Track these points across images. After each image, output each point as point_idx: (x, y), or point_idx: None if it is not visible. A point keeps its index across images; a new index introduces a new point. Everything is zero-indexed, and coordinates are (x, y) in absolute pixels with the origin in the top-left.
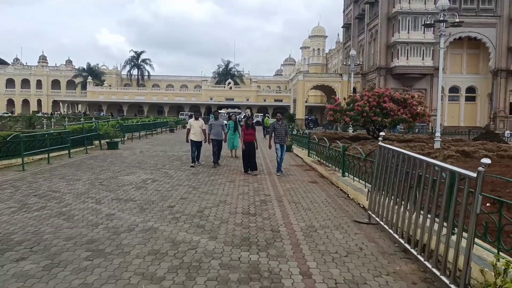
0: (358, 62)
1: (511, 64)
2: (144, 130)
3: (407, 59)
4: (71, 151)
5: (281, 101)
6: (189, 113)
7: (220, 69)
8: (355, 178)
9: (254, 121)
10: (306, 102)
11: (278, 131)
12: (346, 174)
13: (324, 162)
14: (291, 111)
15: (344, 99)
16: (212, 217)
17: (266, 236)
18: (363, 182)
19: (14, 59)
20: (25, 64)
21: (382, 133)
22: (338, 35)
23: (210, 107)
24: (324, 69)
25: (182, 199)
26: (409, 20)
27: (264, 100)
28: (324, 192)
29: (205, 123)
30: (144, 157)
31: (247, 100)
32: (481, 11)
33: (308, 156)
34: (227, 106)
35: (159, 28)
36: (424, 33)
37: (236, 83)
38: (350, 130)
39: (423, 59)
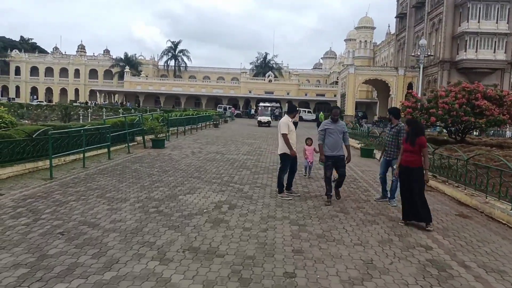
0: (428, 53)
1: None
2: (189, 125)
3: (476, 51)
4: (111, 149)
5: (323, 95)
6: (227, 106)
7: (258, 61)
8: None
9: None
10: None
11: (386, 139)
12: None
13: (452, 181)
14: (340, 106)
15: (424, 94)
16: None
17: None
18: None
19: (53, 48)
20: (64, 53)
21: None
22: (389, 26)
23: (249, 100)
24: (371, 62)
25: (297, 254)
26: (480, 8)
27: (306, 95)
28: (506, 240)
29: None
30: (200, 162)
31: (288, 94)
32: None
33: None
34: (266, 100)
35: (192, 20)
36: (497, 22)
37: (274, 76)
38: None
39: (494, 52)
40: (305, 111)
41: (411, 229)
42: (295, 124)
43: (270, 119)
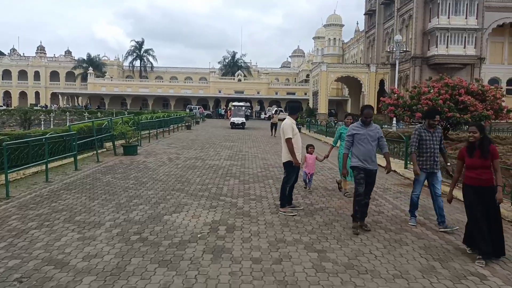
0: (404, 49)
1: None
2: (161, 128)
3: (447, 47)
4: (78, 158)
5: (294, 94)
6: (197, 106)
7: (226, 61)
8: None
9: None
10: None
11: (428, 146)
12: None
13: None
14: (311, 105)
15: (407, 90)
16: None
17: None
18: None
19: (10, 50)
20: (22, 54)
21: None
22: (358, 23)
23: (219, 100)
24: (340, 60)
25: None
26: (449, 4)
27: (276, 93)
28: None
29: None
30: (180, 170)
31: (258, 93)
32: None
33: (406, 169)
34: (236, 100)
35: (157, 20)
36: (466, 18)
37: (243, 75)
38: (394, 127)
39: (464, 48)
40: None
41: (448, 250)
42: (275, 125)
43: (244, 120)
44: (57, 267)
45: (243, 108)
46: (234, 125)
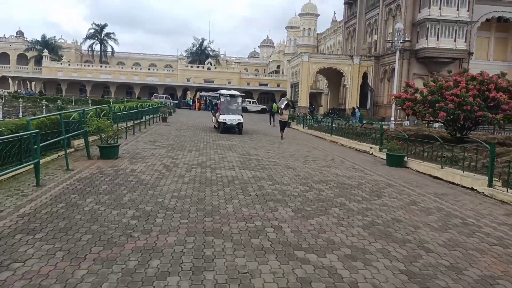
0: (406, 38)
1: None
2: (137, 120)
3: (437, 40)
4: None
5: (267, 85)
6: (163, 95)
7: (194, 48)
8: None
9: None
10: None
11: None
12: None
13: None
14: (289, 97)
15: (425, 85)
16: None
17: None
18: None
19: None
20: None
21: None
22: (335, 13)
23: (187, 89)
24: (315, 51)
25: None
26: None
27: (248, 84)
28: None
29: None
30: (191, 187)
31: (229, 83)
32: None
33: (491, 186)
34: (205, 89)
35: (114, 3)
36: (458, 9)
37: (213, 64)
38: (391, 124)
39: (455, 41)
40: (249, 101)
41: None
42: (284, 123)
43: (241, 119)
44: None
45: (239, 99)
46: (225, 128)
